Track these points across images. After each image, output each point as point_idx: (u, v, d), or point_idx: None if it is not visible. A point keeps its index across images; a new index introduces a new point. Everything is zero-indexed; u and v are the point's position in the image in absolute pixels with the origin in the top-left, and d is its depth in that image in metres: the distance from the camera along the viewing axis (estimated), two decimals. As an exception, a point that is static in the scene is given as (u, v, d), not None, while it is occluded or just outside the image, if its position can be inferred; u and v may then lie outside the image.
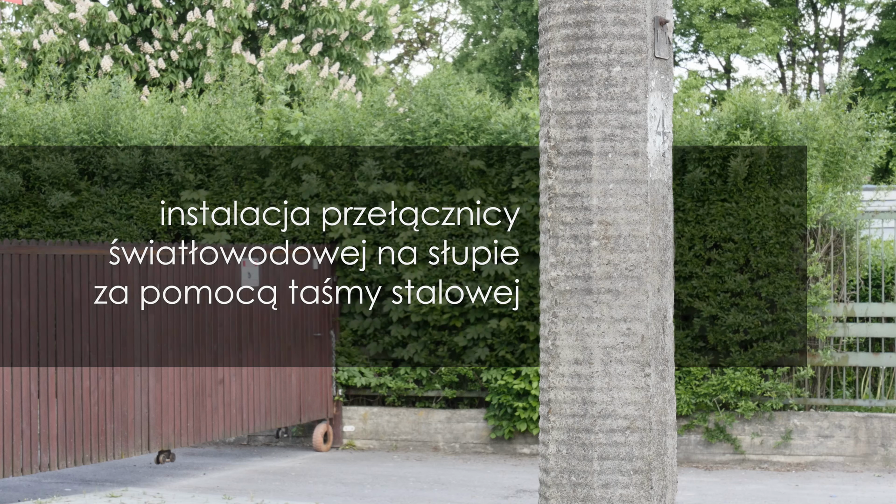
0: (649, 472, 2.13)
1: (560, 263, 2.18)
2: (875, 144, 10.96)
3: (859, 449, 10.35)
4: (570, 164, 2.18)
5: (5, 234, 11.70)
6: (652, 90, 2.17)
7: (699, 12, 33.13)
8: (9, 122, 11.80)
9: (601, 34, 2.15)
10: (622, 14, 2.15)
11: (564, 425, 2.17)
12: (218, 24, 17.06)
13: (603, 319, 2.14)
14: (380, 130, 11.25)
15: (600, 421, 2.13)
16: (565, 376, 2.16)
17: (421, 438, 11.26)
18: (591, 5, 2.15)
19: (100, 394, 8.84)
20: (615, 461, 2.12)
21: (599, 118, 2.15)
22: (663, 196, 2.19)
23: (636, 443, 2.13)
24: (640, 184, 2.16)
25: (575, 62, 2.17)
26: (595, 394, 2.14)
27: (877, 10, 33.31)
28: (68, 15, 16.99)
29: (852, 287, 10.96)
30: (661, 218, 2.19)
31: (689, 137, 10.58)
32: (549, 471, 2.18)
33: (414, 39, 36.88)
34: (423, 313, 11.06)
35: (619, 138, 2.15)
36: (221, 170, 11.64)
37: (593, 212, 2.16)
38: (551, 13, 2.20)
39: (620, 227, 2.15)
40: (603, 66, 2.15)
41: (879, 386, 10.81)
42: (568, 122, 2.19)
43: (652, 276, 2.16)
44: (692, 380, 10.50)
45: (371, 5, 18.62)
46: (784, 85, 35.39)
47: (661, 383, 2.16)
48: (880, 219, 11.12)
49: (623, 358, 2.13)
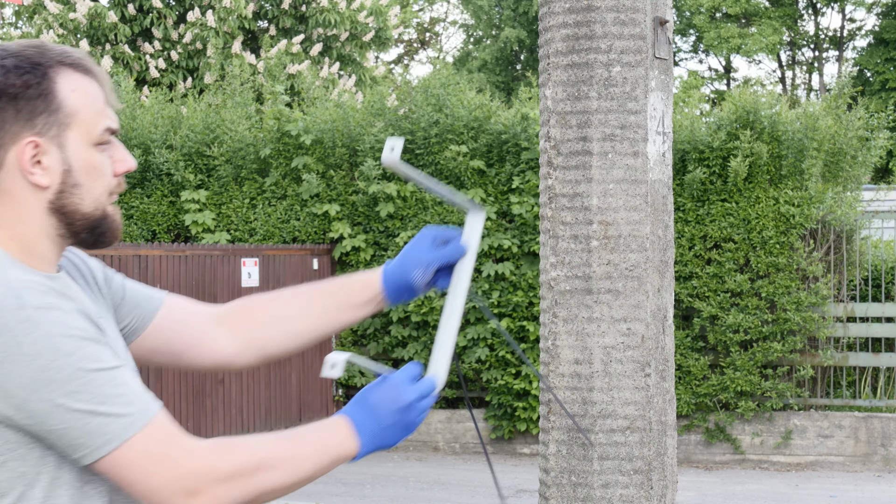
0: (649, 472, 2.13)
1: (560, 263, 2.18)
2: (875, 144, 10.96)
3: (859, 449, 10.35)
4: (570, 164, 2.18)
5: (5, 234, 11.69)
6: (652, 90, 2.17)
7: (699, 12, 33.13)
8: (9, 122, 11.78)
9: (601, 34, 2.14)
10: (622, 14, 2.14)
11: (564, 425, 2.16)
12: (218, 24, 17.05)
13: (603, 319, 2.13)
14: (380, 130, 11.25)
15: (600, 421, 2.12)
16: (565, 376, 2.16)
17: (421, 438, 11.26)
18: (591, 5, 2.15)
19: (100, 394, 8.84)
20: (615, 461, 2.12)
21: (599, 118, 2.15)
22: (663, 196, 2.19)
23: (636, 443, 2.13)
24: (640, 184, 2.16)
25: (575, 62, 2.17)
26: (595, 394, 2.14)
27: (877, 10, 33.31)
28: (68, 15, 16.99)
29: (852, 287, 10.96)
30: (661, 218, 2.18)
31: (689, 137, 10.58)
32: (549, 471, 2.17)
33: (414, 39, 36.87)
34: (423, 313, 11.06)
35: (619, 138, 2.15)
36: (221, 170, 11.64)
37: (593, 212, 2.16)
38: (551, 13, 2.20)
39: (620, 227, 2.15)
40: (603, 66, 2.15)
41: (879, 386, 10.81)
42: (568, 122, 2.18)
43: (652, 276, 2.16)
44: (692, 380, 10.50)
45: (371, 6, 18.62)
46: (784, 85, 35.38)
47: (662, 383, 2.16)
48: (880, 219, 11.13)
49: (623, 358, 2.13)
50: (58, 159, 1.84)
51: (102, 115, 1.89)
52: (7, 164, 1.84)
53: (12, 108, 1.82)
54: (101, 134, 1.88)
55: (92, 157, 1.87)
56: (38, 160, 1.84)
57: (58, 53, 1.87)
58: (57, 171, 1.85)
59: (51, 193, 1.85)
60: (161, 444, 1.77)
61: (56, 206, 1.85)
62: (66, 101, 1.85)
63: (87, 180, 1.87)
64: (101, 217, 1.90)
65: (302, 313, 2.21)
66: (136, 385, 1.79)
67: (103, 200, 1.90)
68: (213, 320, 2.19)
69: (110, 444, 1.75)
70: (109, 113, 1.91)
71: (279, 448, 1.86)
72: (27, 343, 1.70)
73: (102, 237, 1.92)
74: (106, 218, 1.91)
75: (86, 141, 1.86)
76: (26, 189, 1.84)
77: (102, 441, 1.74)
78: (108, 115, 1.90)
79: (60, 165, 1.85)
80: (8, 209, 1.85)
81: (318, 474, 1.90)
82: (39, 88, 1.83)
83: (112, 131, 1.90)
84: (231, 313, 2.22)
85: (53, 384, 1.70)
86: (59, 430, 1.73)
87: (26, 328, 1.70)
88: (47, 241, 1.87)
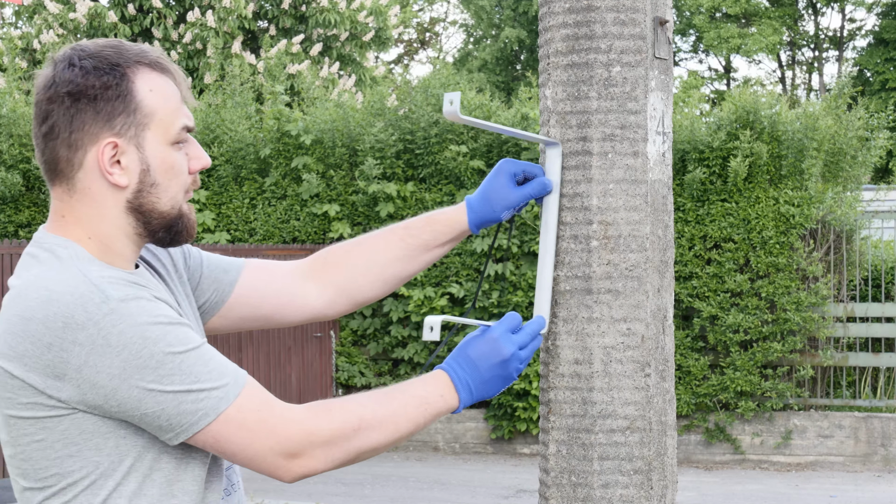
0: (649, 472, 2.13)
1: (560, 263, 2.18)
2: (875, 144, 10.95)
3: (859, 449, 10.35)
4: (570, 164, 2.18)
5: (5, 234, 11.70)
6: (652, 90, 2.17)
7: (699, 12, 33.13)
8: (9, 122, 11.79)
9: (601, 34, 2.15)
10: (622, 14, 2.15)
11: (564, 425, 2.16)
12: (218, 24, 17.05)
13: (603, 319, 2.14)
14: (380, 130, 11.25)
15: (600, 421, 2.13)
16: (565, 376, 2.16)
17: (421, 438, 11.26)
18: (591, 5, 2.15)
19: (100, 394, 8.84)
20: (615, 461, 2.12)
21: (599, 118, 2.15)
22: (663, 196, 2.19)
23: (636, 443, 2.13)
24: (640, 184, 2.16)
25: (575, 62, 2.17)
26: (595, 394, 2.14)
27: (877, 10, 33.31)
28: (68, 15, 16.99)
29: (852, 287, 10.96)
30: (661, 218, 2.19)
31: (689, 137, 10.58)
32: (549, 471, 2.18)
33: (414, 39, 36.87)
34: (423, 313, 11.06)
35: (619, 138, 2.15)
36: (221, 170, 11.64)
37: (593, 212, 2.16)
38: (551, 13, 2.20)
39: (620, 227, 2.15)
40: (603, 66, 2.15)
41: (879, 386, 10.81)
42: (568, 122, 2.18)
43: (652, 276, 2.16)
44: (692, 380, 10.49)
45: (371, 6, 18.61)
46: (784, 85, 35.38)
47: (661, 383, 2.16)
48: (880, 219, 11.13)
49: (623, 358, 2.13)
50: (136, 159, 1.87)
51: (179, 113, 1.91)
52: (86, 165, 1.87)
53: (91, 110, 1.85)
54: (178, 133, 1.91)
55: (169, 155, 1.90)
56: (116, 160, 1.87)
57: (135, 53, 1.89)
58: (135, 170, 1.87)
59: (129, 193, 1.88)
60: (256, 412, 1.81)
61: (134, 205, 1.88)
62: (144, 102, 1.87)
63: (164, 179, 1.89)
64: (178, 216, 1.92)
65: (388, 257, 2.24)
66: (222, 358, 1.84)
67: (179, 199, 1.92)
68: (299, 276, 2.23)
69: (206, 419, 1.78)
70: (185, 111, 1.93)
71: (379, 409, 1.89)
72: (114, 334, 1.74)
73: (178, 236, 1.94)
74: (182, 217, 1.93)
75: (163, 140, 1.89)
76: (105, 189, 1.87)
77: (198, 416, 1.78)
78: (185, 114, 1.93)
79: (139, 165, 1.87)
80: (87, 208, 1.88)
81: (417, 430, 1.93)
82: (118, 89, 1.86)
83: (188, 129, 1.93)
84: (316, 266, 2.25)
85: (144, 371, 1.75)
86: (153, 414, 1.77)
87: (112, 321, 1.74)
88: (125, 239, 1.89)
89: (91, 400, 1.75)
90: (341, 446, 1.85)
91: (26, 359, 1.76)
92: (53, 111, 1.85)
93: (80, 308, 1.74)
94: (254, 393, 1.83)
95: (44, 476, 1.80)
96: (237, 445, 1.81)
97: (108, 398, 1.75)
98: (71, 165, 1.87)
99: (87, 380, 1.74)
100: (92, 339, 1.73)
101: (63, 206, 1.89)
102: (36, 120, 1.88)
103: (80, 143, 1.85)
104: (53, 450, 1.78)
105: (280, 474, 1.84)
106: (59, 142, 1.86)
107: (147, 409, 1.76)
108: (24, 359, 1.76)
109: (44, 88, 1.87)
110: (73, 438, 1.78)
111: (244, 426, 1.80)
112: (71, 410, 1.77)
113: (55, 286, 1.77)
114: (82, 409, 1.77)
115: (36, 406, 1.77)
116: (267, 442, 1.81)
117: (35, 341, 1.75)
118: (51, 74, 1.87)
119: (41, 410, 1.77)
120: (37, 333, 1.75)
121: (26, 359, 1.76)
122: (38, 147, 1.89)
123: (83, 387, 1.74)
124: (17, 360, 1.76)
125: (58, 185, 1.89)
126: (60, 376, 1.74)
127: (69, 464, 1.79)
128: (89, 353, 1.73)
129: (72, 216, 1.89)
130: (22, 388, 1.77)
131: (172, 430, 1.79)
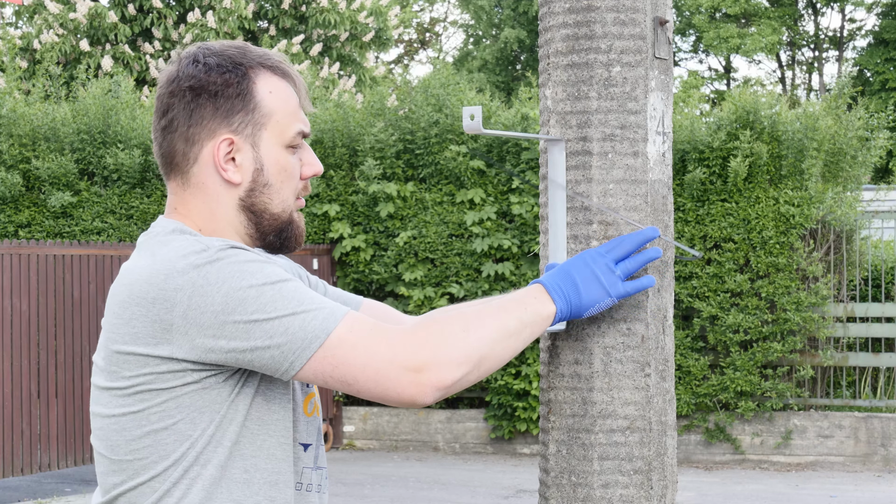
0: (649, 472, 2.13)
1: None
2: (875, 144, 10.95)
3: (859, 449, 10.35)
4: (569, 164, 2.18)
5: (5, 234, 11.70)
6: (652, 90, 2.17)
7: (699, 12, 33.14)
8: (9, 122, 11.79)
9: (601, 34, 2.15)
10: (622, 14, 2.15)
11: (564, 425, 2.16)
12: (218, 25, 17.06)
13: (603, 319, 2.14)
14: (380, 130, 11.25)
15: (600, 421, 2.13)
16: (565, 376, 2.16)
17: (421, 438, 11.27)
18: (591, 5, 2.15)
19: (100, 394, 8.83)
20: (615, 461, 2.12)
21: (599, 118, 2.15)
22: (663, 196, 2.19)
23: (636, 443, 2.13)
24: (640, 184, 2.16)
25: (575, 62, 2.17)
26: (595, 394, 2.14)
27: (877, 10, 33.31)
28: (68, 15, 16.99)
29: (852, 287, 10.96)
30: (661, 218, 2.19)
31: (689, 137, 10.58)
32: (549, 471, 2.18)
33: (414, 40, 36.87)
34: (422, 313, 11.05)
35: (619, 138, 2.15)
36: (221, 170, 11.65)
37: (593, 212, 2.16)
38: (551, 13, 2.20)
39: (620, 227, 2.15)
40: (603, 66, 2.15)
41: (879, 386, 10.81)
42: (568, 122, 2.19)
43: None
44: (692, 380, 10.49)
45: (371, 6, 18.62)
46: (784, 85, 35.39)
47: (661, 383, 2.16)
48: (880, 219, 11.13)
49: (623, 358, 2.13)
50: (251, 158, 1.90)
51: (296, 118, 1.94)
52: (202, 160, 1.90)
53: (211, 105, 1.88)
54: (293, 136, 1.93)
55: (283, 158, 1.92)
56: (232, 157, 1.89)
57: (258, 55, 1.93)
58: (249, 169, 1.90)
59: (242, 191, 1.90)
60: (370, 331, 1.79)
61: (246, 203, 1.90)
62: (262, 102, 1.90)
63: (277, 180, 1.92)
64: (288, 221, 1.94)
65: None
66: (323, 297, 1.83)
67: (290, 203, 1.94)
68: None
69: (317, 340, 1.77)
70: (302, 116, 1.96)
71: (482, 307, 1.88)
72: (213, 272, 1.76)
73: (287, 242, 1.96)
74: (292, 223, 1.95)
75: (278, 142, 1.92)
76: (219, 184, 1.90)
77: (309, 339, 1.77)
78: (301, 119, 1.96)
79: (253, 164, 1.90)
80: (199, 202, 1.91)
81: (522, 329, 1.89)
82: (239, 88, 1.89)
83: (304, 135, 1.95)
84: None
85: (245, 302, 1.75)
86: (263, 346, 1.76)
87: (211, 263, 1.77)
88: (236, 237, 1.92)
89: (201, 344, 1.75)
90: (461, 349, 1.81)
91: (134, 322, 1.78)
92: (174, 105, 1.89)
93: (181, 258, 1.78)
94: (362, 317, 1.81)
95: (136, 448, 1.81)
96: (357, 366, 1.77)
97: (217, 336, 1.75)
98: (187, 159, 1.90)
99: (194, 322, 1.75)
100: (192, 281, 1.75)
101: (176, 199, 1.93)
102: (156, 113, 1.92)
103: (198, 137, 1.89)
104: (149, 422, 1.80)
105: (413, 392, 1.78)
106: (177, 135, 1.89)
107: (256, 343, 1.75)
108: (133, 322, 1.78)
109: (167, 83, 1.91)
110: (169, 412, 1.79)
111: (360, 344, 1.77)
112: (180, 371, 1.77)
113: (159, 253, 1.81)
114: (191, 368, 1.77)
115: (140, 377, 1.78)
116: (388, 355, 1.78)
117: (140, 301, 1.77)
118: (175, 70, 1.91)
119: (147, 379, 1.78)
120: (140, 293, 1.78)
121: (134, 322, 1.78)
122: (157, 140, 1.93)
123: (191, 332, 1.75)
124: (125, 330, 1.78)
125: (173, 178, 1.93)
126: (168, 328, 1.76)
127: (163, 436, 1.80)
128: (191, 296, 1.75)
129: (184, 208, 1.92)
130: (125, 362, 1.79)
131: (286, 360, 1.76)
